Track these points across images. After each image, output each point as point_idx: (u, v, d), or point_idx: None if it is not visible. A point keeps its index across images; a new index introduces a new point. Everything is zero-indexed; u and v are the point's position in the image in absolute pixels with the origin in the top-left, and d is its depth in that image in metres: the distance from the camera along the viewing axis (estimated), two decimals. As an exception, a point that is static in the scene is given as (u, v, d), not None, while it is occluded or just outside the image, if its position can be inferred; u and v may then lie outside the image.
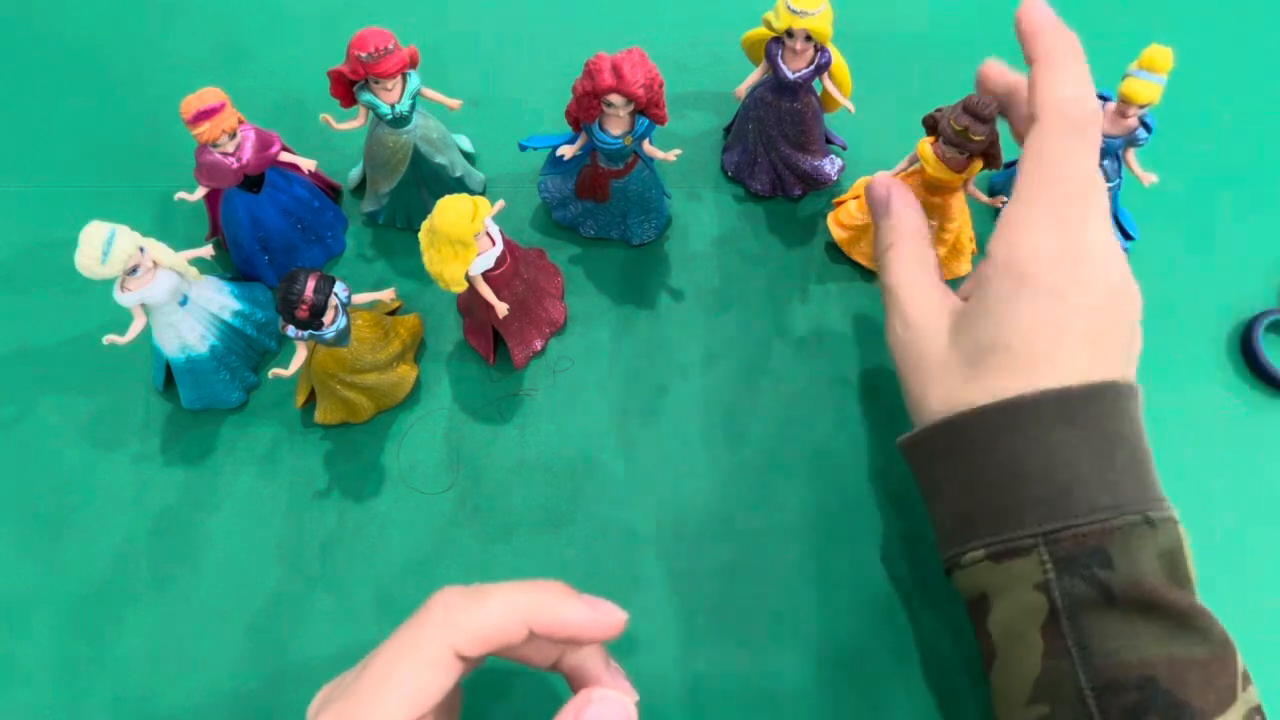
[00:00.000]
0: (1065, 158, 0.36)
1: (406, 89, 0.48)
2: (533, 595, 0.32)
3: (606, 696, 0.30)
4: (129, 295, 0.43)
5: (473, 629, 0.31)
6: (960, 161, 0.45)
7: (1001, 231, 0.37)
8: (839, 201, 0.52)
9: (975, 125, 0.42)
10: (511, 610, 0.31)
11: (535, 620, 0.31)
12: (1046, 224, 0.36)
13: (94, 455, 0.48)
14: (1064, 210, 0.36)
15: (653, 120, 0.47)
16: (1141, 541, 0.33)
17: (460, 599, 0.31)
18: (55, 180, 0.57)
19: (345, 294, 0.43)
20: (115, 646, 0.43)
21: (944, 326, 0.38)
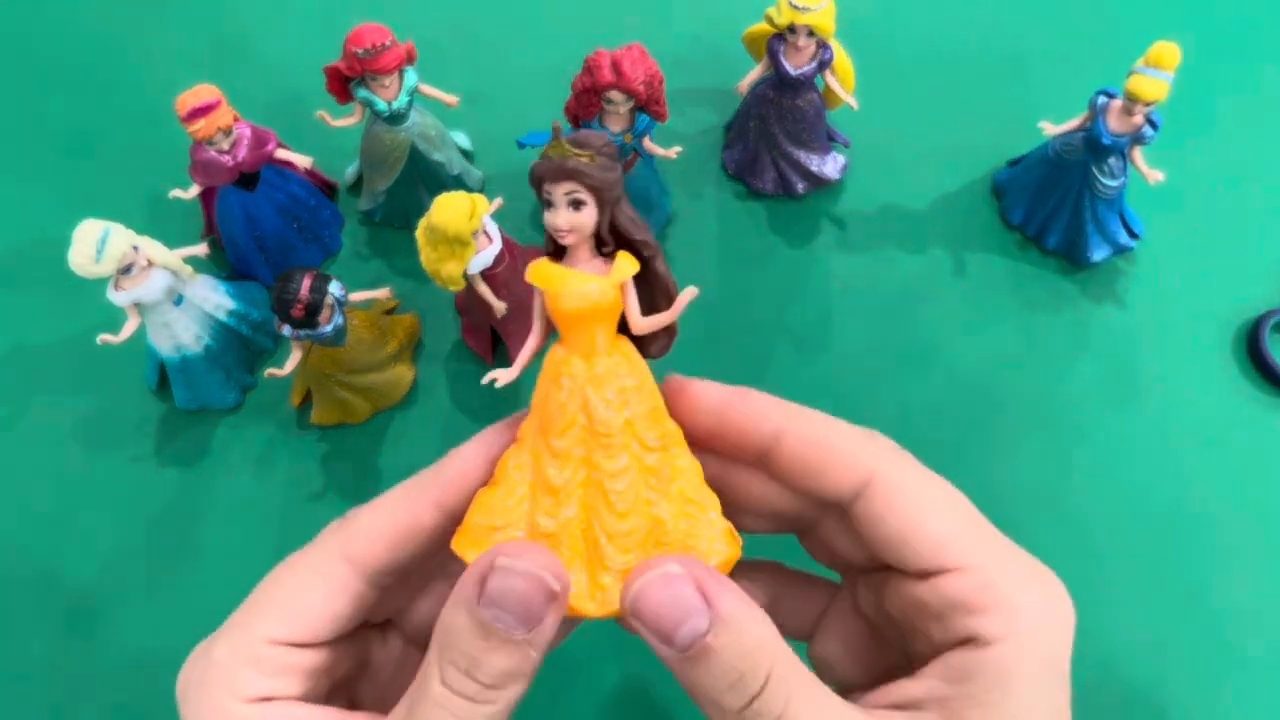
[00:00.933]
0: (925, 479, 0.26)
1: (403, 85, 0.47)
2: (423, 474, 0.26)
3: (512, 567, 0.22)
4: (123, 294, 0.43)
5: (364, 528, 0.25)
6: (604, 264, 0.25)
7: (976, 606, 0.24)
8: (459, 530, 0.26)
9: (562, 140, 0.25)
10: (403, 496, 0.26)
11: (438, 490, 0.26)
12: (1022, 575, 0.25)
13: (87, 456, 0.47)
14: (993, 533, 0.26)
15: (653, 117, 0.46)
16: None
17: (357, 508, 0.27)
18: (48, 178, 0.56)
19: (341, 293, 0.42)
20: (110, 648, 0.43)
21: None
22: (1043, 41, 0.61)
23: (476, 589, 0.22)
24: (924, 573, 0.24)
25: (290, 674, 0.25)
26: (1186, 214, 0.54)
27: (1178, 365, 0.49)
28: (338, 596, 0.25)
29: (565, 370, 0.25)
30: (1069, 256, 0.52)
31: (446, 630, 0.23)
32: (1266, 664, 0.41)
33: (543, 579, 0.22)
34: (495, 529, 0.25)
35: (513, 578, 0.22)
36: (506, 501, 0.25)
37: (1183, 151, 0.53)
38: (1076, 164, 0.49)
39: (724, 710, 0.22)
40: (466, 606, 0.22)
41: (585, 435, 0.25)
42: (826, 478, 0.25)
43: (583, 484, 0.25)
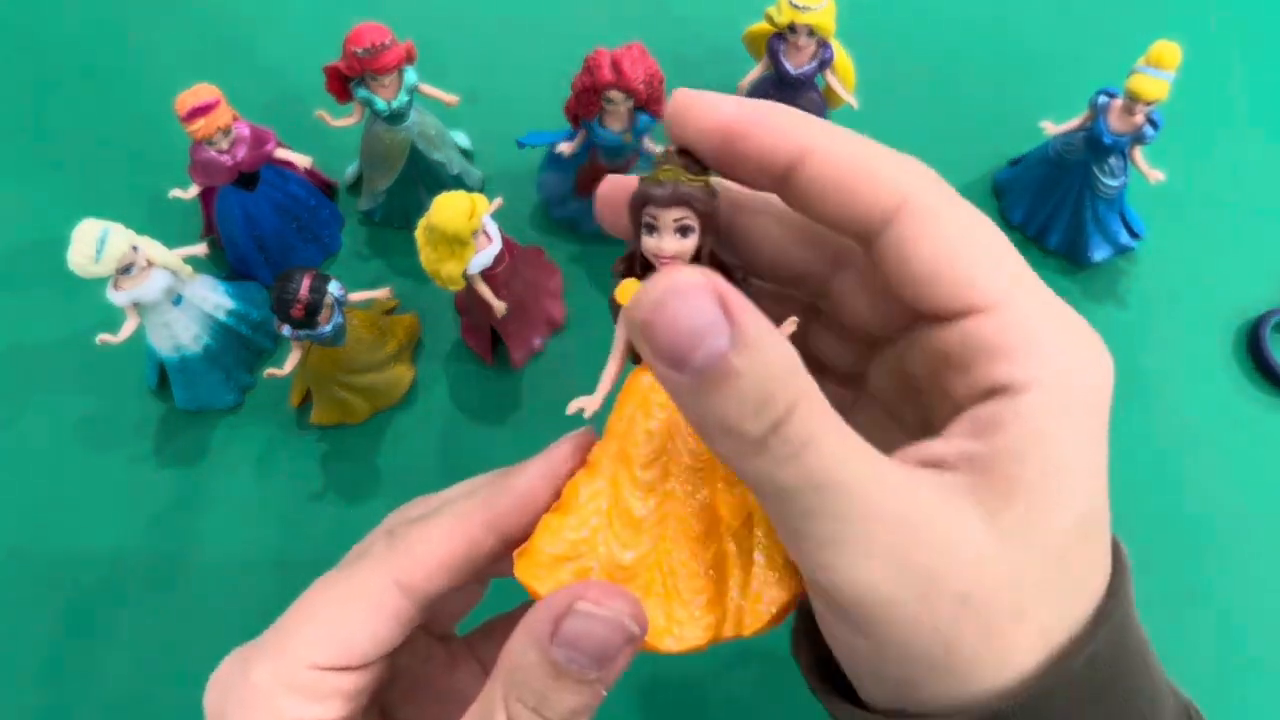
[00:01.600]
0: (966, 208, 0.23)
1: (403, 85, 0.47)
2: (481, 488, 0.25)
3: (593, 613, 0.21)
4: (122, 294, 0.43)
5: (418, 553, 0.24)
6: None
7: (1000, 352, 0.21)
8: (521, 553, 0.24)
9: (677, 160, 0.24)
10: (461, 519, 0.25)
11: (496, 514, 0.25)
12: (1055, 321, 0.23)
13: (87, 456, 0.47)
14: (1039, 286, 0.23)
15: (653, 116, 0.46)
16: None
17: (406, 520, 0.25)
18: (47, 177, 0.56)
19: (341, 293, 0.42)
20: (109, 649, 0.42)
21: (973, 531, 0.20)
22: (1044, 40, 0.61)
23: (550, 628, 0.21)
24: (952, 313, 0.21)
25: (333, 698, 0.24)
26: (1187, 214, 0.54)
27: (1178, 365, 0.49)
28: (387, 622, 0.24)
29: (657, 399, 0.24)
30: (1070, 256, 0.52)
31: (516, 667, 0.22)
32: (1268, 663, 0.41)
33: (624, 625, 0.22)
34: (567, 559, 0.23)
35: (594, 622, 0.22)
36: (580, 531, 0.24)
37: (1184, 151, 0.53)
38: (1077, 164, 0.49)
39: (745, 436, 0.19)
40: (539, 645, 0.22)
41: (673, 466, 0.24)
42: (857, 199, 0.22)
43: (661, 519, 0.24)
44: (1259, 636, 0.42)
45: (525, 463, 0.25)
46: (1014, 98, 0.58)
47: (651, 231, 0.23)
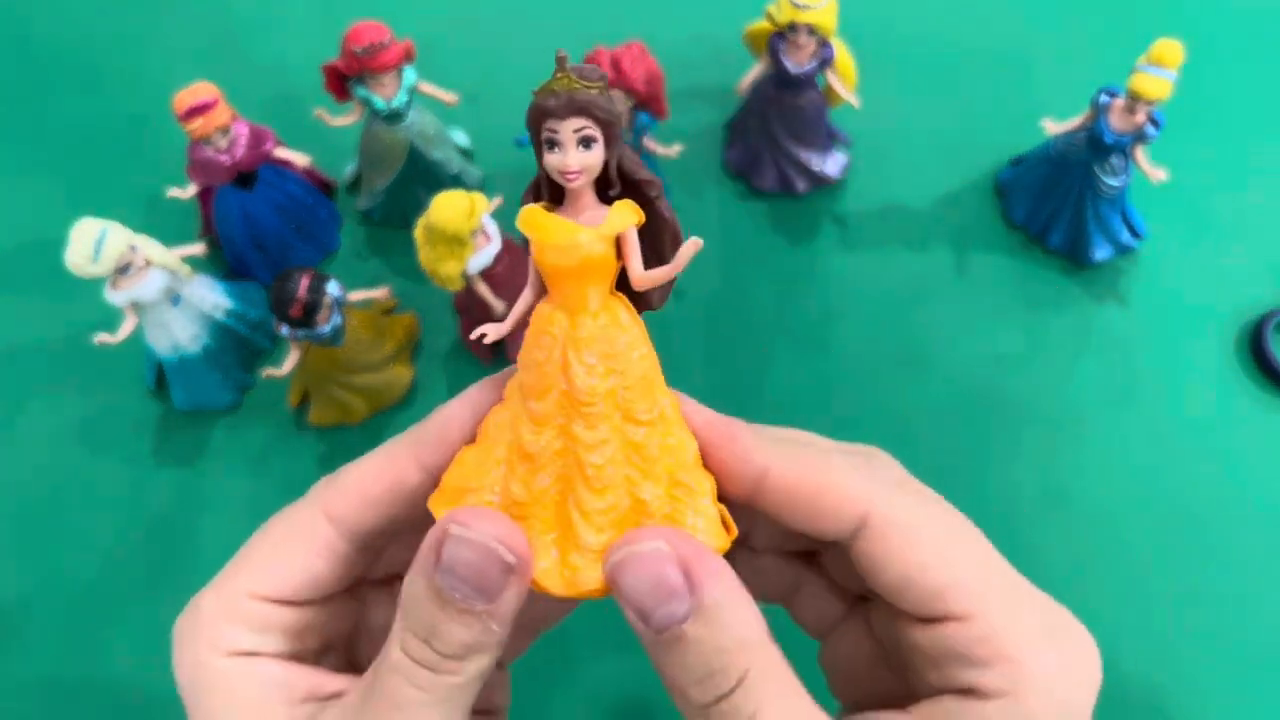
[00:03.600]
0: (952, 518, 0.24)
1: (402, 84, 0.47)
2: (407, 433, 0.25)
3: (462, 537, 0.21)
4: (120, 294, 0.43)
5: (346, 486, 0.25)
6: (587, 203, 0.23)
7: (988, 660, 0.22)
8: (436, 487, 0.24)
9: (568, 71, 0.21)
10: (387, 454, 0.25)
11: (421, 448, 0.24)
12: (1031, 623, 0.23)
13: (85, 456, 0.47)
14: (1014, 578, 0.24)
15: (653, 115, 0.46)
16: None
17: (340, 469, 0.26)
18: (45, 177, 0.56)
19: (339, 292, 0.42)
20: (106, 649, 0.42)
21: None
22: (1045, 40, 0.61)
23: (433, 555, 0.21)
24: (925, 619, 0.22)
25: (273, 631, 0.24)
26: (1189, 213, 0.53)
27: (1180, 365, 0.49)
28: (319, 556, 0.24)
29: (547, 327, 0.23)
30: (1071, 256, 0.51)
31: (407, 597, 0.22)
32: (1268, 663, 0.41)
33: (495, 550, 0.21)
34: (469, 491, 0.23)
35: (465, 546, 0.21)
36: (484, 462, 0.23)
37: (1186, 150, 0.53)
38: (1079, 163, 0.49)
39: (694, 701, 0.21)
40: (424, 573, 0.21)
41: (565, 401, 0.23)
42: (819, 518, 0.23)
43: (559, 453, 0.23)
44: (1259, 636, 0.42)
45: (447, 405, 0.25)
46: (1016, 96, 0.58)
47: (553, 148, 0.22)
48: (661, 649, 0.21)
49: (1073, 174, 0.49)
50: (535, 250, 0.23)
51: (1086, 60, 0.59)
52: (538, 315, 0.23)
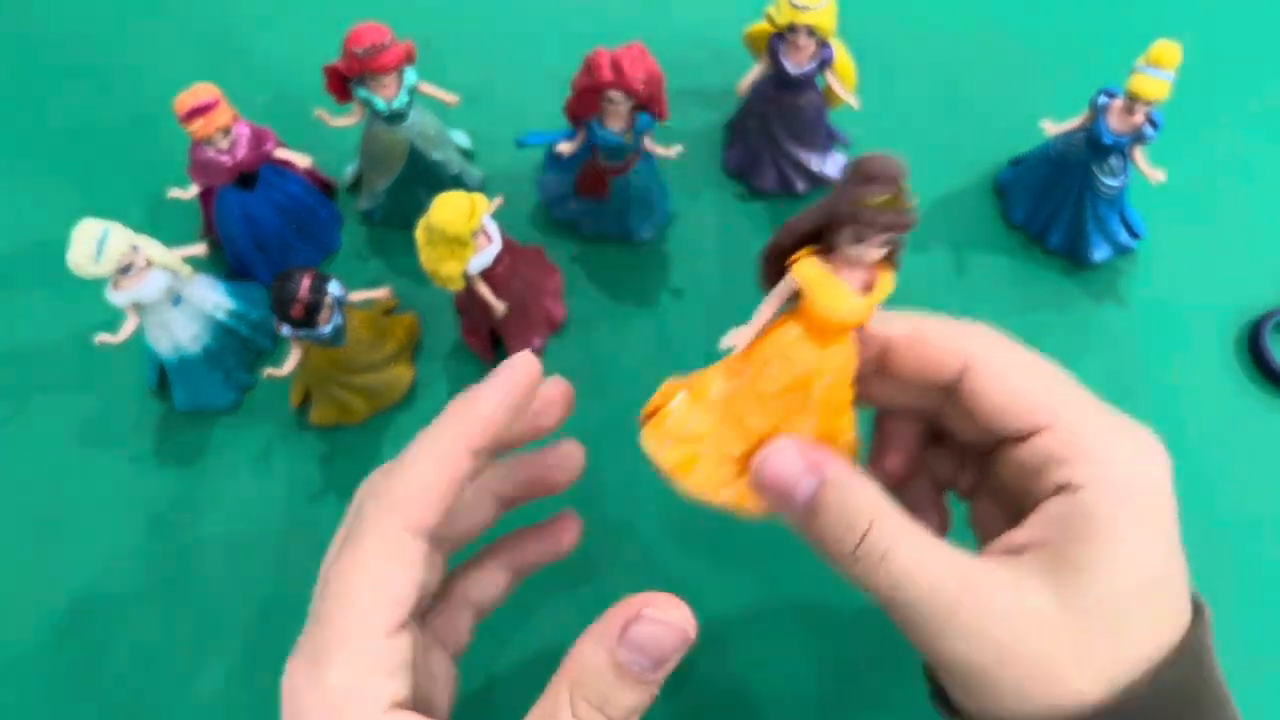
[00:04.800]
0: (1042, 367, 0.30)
1: (403, 85, 0.47)
2: (446, 421, 0.28)
3: (659, 618, 0.25)
4: (122, 294, 0.43)
5: (411, 493, 0.27)
6: (864, 275, 0.28)
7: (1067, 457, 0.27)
8: (649, 412, 0.32)
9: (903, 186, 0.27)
10: (439, 447, 0.27)
11: (467, 436, 0.27)
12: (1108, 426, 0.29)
13: (86, 457, 0.47)
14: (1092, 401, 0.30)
15: (653, 116, 0.46)
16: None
17: (385, 476, 0.28)
18: (47, 178, 0.56)
19: (340, 293, 0.42)
20: (109, 648, 0.42)
21: (1029, 599, 0.26)
22: (1044, 40, 0.61)
23: (619, 632, 0.25)
24: (1022, 435, 0.28)
25: (401, 671, 0.26)
26: (1188, 214, 0.54)
27: (1179, 365, 0.49)
28: (420, 568, 0.27)
29: (797, 353, 0.29)
30: (1070, 256, 0.52)
31: (583, 667, 0.25)
32: (1270, 664, 0.41)
33: (684, 630, 0.25)
34: (688, 440, 0.30)
35: (660, 628, 0.25)
36: (705, 422, 0.30)
37: (1184, 151, 0.53)
38: (1078, 163, 0.49)
39: (841, 553, 0.27)
40: (607, 646, 0.25)
41: (790, 400, 0.29)
42: (931, 372, 0.30)
43: (770, 431, 0.29)
44: (1259, 637, 0.42)
45: (481, 389, 0.28)
46: (1015, 97, 0.58)
47: (855, 243, 0.27)
48: (809, 519, 0.28)
49: (1072, 174, 0.49)
50: (817, 306, 0.28)
51: (1086, 61, 0.59)
52: (786, 337, 0.29)
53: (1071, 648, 0.25)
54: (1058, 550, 0.26)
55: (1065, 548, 0.26)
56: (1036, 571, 0.26)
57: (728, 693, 0.42)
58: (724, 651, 0.42)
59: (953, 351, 0.29)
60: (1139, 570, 0.26)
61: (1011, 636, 0.25)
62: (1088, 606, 0.25)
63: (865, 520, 0.27)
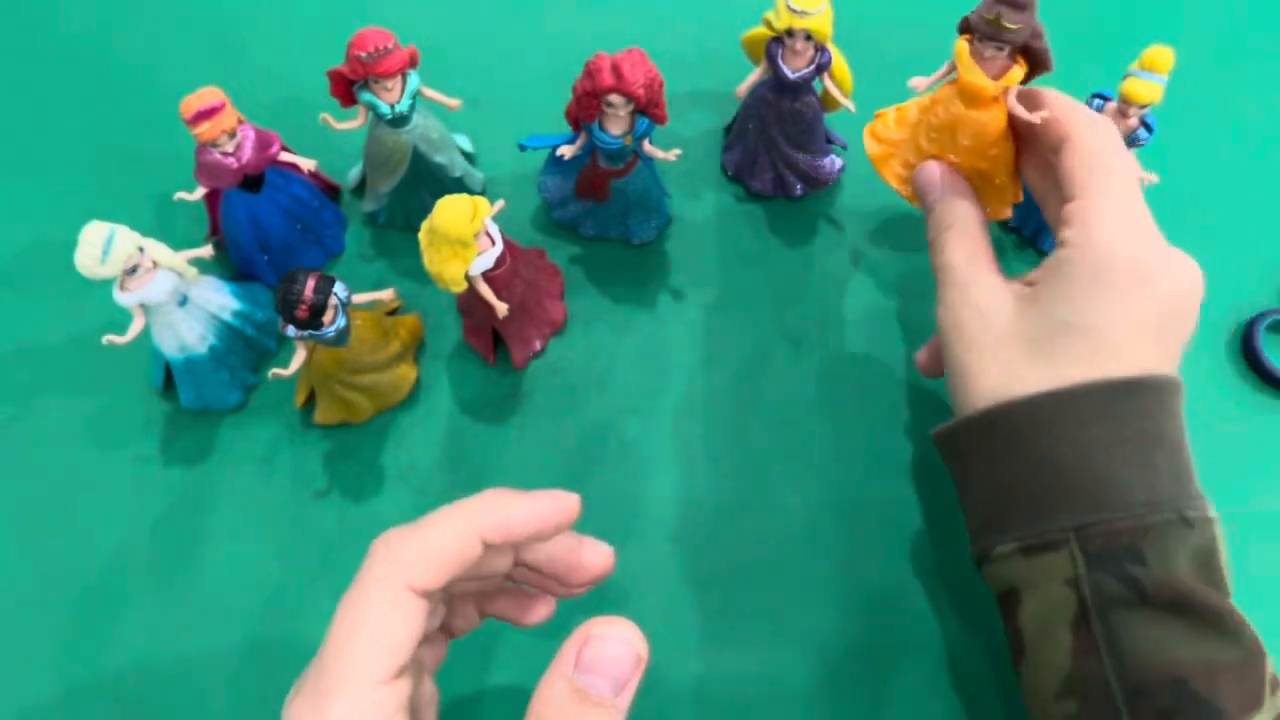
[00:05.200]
0: (1114, 155, 0.38)
1: (406, 89, 0.48)
2: (476, 507, 0.30)
3: (607, 634, 0.27)
4: (128, 295, 0.43)
5: (422, 557, 0.28)
6: (1000, 65, 0.41)
7: (1074, 222, 0.37)
8: (880, 114, 0.47)
9: (1008, 12, 0.39)
10: (458, 528, 0.29)
11: (485, 529, 0.29)
12: (1119, 214, 0.36)
13: (93, 456, 0.47)
14: (1131, 202, 0.37)
15: (653, 120, 0.47)
16: (1177, 540, 0.32)
17: (401, 534, 0.29)
18: (54, 180, 0.57)
19: (345, 294, 0.43)
20: (114, 647, 0.43)
21: (1006, 306, 0.38)
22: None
23: (573, 659, 0.26)
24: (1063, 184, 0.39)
25: (399, 715, 0.27)
26: (1179, 216, 0.54)
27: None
28: (415, 620, 0.28)
29: (948, 105, 0.43)
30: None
31: (545, 703, 0.26)
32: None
33: (633, 643, 0.27)
34: (893, 143, 0.46)
35: (607, 643, 0.27)
36: (899, 133, 0.46)
37: (1176, 154, 0.54)
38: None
39: (930, 233, 0.43)
40: (564, 676, 0.26)
41: (943, 138, 0.44)
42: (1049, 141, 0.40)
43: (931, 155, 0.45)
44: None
45: (522, 497, 0.31)
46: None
47: (980, 41, 0.41)
48: (928, 214, 0.44)
49: (1066, 177, 0.50)
50: (958, 71, 0.42)
51: (1081, 65, 0.60)
52: (946, 90, 0.43)
53: (1021, 347, 0.36)
54: (1039, 285, 0.37)
55: (1042, 285, 0.37)
56: (1028, 295, 0.37)
57: (726, 688, 0.42)
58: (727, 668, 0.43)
59: (1058, 131, 0.39)
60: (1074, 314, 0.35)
61: (981, 321, 0.38)
62: (1038, 322, 0.36)
63: (946, 224, 0.42)
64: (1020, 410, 0.35)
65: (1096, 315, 0.35)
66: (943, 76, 0.44)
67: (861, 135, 0.47)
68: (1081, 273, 0.36)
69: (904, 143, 0.46)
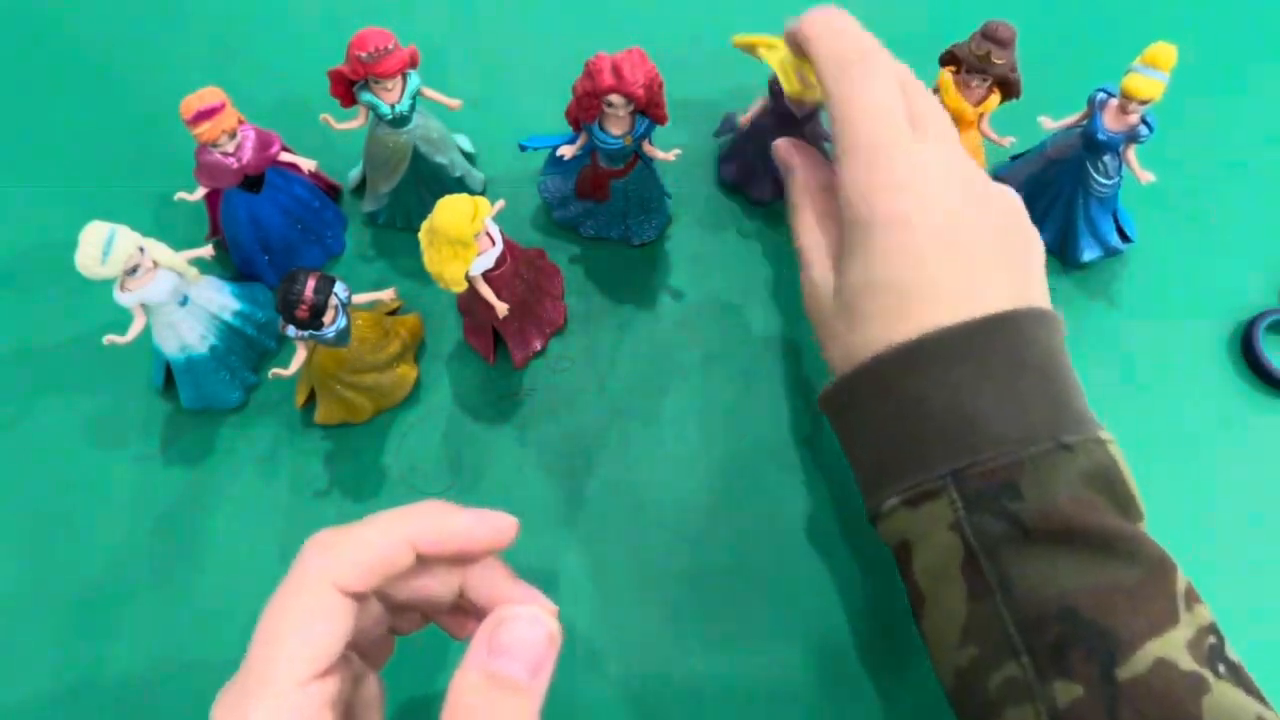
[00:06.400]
0: (854, 95, 0.38)
1: (406, 89, 0.48)
2: (411, 514, 0.30)
3: (518, 614, 0.27)
4: (129, 295, 0.43)
5: (351, 560, 0.28)
6: (980, 93, 0.47)
7: (838, 185, 0.38)
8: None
9: (996, 50, 0.45)
10: (389, 532, 0.29)
11: (417, 537, 0.29)
12: (861, 160, 0.37)
13: (94, 455, 0.47)
14: (871, 144, 0.37)
15: (653, 120, 0.47)
16: (1054, 469, 0.31)
17: (333, 535, 0.29)
18: (55, 180, 0.57)
19: (345, 294, 0.43)
20: (114, 647, 0.43)
21: (830, 282, 0.39)
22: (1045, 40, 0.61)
23: (486, 645, 0.26)
24: None
25: (325, 713, 0.26)
26: (1179, 215, 0.54)
27: (1172, 366, 0.49)
28: (342, 621, 0.28)
29: None
30: (1060, 255, 0.52)
31: (460, 691, 0.25)
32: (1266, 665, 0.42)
33: (544, 625, 0.26)
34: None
35: (520, 625, 0.26)
36: None
37: (1176, 153, 0.54)
38: (1072, 160, 0.49)
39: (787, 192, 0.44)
40: (478, 664, 0.26)
41: None
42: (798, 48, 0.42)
43: None
44: (1255, 639, 0.42)
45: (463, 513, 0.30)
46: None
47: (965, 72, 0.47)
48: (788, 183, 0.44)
49: (1065, 172, 0.50)
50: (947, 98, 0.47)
51: (1087, 60, 0.60)
52: None
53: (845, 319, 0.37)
54: (841, 257, 0.38)
55: (842, 255, 0.38)
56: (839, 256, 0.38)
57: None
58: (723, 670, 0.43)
59: None
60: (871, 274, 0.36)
61: (815, 305, 0.39)
62: (846, 295, 0.37)
63: (794, 201, 0.43)
64: (866, 371, 0.36)
65: (878, 268, 0.36)
66: None
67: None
68: (851, 234, 0.37)
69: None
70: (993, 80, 0.47)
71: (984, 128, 0.49)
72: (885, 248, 0.36)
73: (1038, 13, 0.63)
